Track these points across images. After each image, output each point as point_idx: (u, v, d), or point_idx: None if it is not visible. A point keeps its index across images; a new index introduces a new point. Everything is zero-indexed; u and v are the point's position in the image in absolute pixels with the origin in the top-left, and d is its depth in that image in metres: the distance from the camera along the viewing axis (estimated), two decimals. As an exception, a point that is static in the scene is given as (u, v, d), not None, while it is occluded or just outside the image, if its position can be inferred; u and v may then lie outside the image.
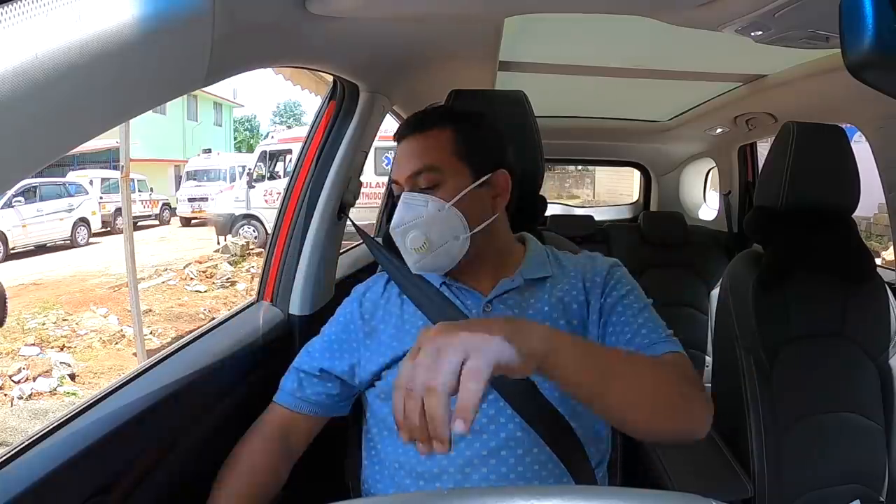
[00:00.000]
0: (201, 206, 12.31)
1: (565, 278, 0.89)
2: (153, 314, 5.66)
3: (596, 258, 0.92)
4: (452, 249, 0.83)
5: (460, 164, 0.84)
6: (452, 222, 0.82)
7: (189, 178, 13.54)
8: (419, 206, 0.82)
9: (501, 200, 0.87)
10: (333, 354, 0.91)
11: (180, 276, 7.22)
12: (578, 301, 0.86)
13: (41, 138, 0.41)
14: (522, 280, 0.87)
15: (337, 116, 1.23)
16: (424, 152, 0.84)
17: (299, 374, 0.92)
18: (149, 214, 14.07)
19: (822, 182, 1.25)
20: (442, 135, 0.85)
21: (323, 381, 0.91)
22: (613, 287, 0.86)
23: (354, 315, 0.92)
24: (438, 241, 0.82)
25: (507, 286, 0.87)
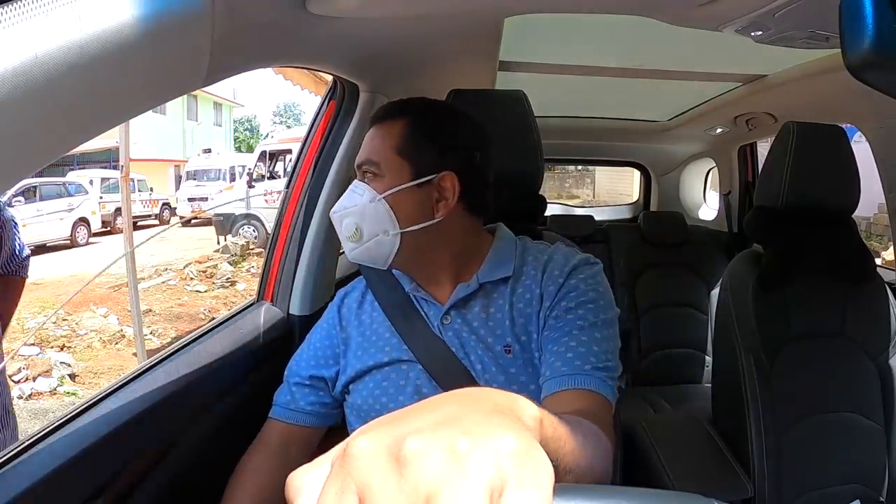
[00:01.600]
0: (201, 206, 12.31)
1: (526, 277, 0.84)
2: (153, 314, 5.66)
3: (564, 254, 0.85)
4: (384, 244, 0.81)
5: (400, 160, 0.81)
6: (382, 216, 0.80)
7: (189, 178, 13.54)
8: (357, 195, 0.81)
9: (446, 205, 0.81)
10: (319, 362, 0.91)
11: (180, 276, 7.22)
12: (533, 306, 0.82)
13: (41, 138, 0.41)
14: (478, 284, 0.83)
15: (337, 116, 1.23)
16: (370, 145, 0.84)
17: (291, 386, 0.92)
18: (149, 214, 14.07)
19: (822, 182, 1.25)
20: (392, 128, 0.82)
21: (314, 390, 0.91)
22: (565, 295, 0.80)
23: (334, 321, 0.92)
24: (368, 233, 0.81)
25: (462, 292, 0.83)
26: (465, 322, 0.83)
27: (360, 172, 0.83)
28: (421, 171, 0.80)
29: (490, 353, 0.81)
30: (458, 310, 0.84)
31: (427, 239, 0.81)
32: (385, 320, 0.87)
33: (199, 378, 0.90)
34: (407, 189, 0.80)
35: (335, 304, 0.94)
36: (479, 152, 0.85)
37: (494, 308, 0.83)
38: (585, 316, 0.77)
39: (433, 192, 0.81)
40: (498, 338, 0.81)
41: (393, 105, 0.87)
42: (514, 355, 0.80)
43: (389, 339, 0.86)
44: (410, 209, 0.80)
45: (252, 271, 7.39)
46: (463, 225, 0.84)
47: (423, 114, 0.84)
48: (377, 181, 0.81)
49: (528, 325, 0.81)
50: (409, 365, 0.84)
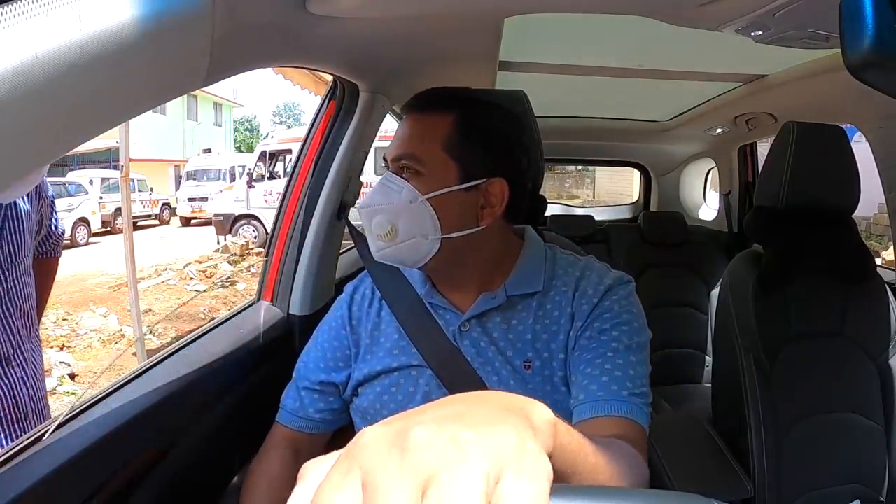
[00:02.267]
0: (201, 206, 12.32)
1: (556, 293, 0.79)
2: (153, 314, 5.66)
3: (598, 271, 0.80)
4: (420, 248, 0.74)
5: (448, 160, 0.74)
6: (423, 219, 0.73)
7: (189, 178, 13.54)
8: (393, 191, 0.74)
9: (491, 212, 0.76)
10: (329, 365, 0.87)
11: (180, 276, 7.22)
12: (561, 325, 0.77)
13: (41, 138, 0.41)
14: (505, 296, 0.78)
15: (337, 116, 1.23)
16: (413, 137, 0.76)
17: (300, 390, 0.88)
18: (149, 214, 14.07)
19: (822, 182, 1.25)
20: (439, 122, 0.75)
21: (324, 396, 0.87)
22: (599, 316, 0.76)
23: (344, 320, 0.87)
24: (405, 234, 0.74)
25: (487, 304, 0.78)
26: (485, 332, 0.79)
27: (396, 166, 0.76)
28: (470, 174, 0.74)
29: (509, 366, 0.77)
30: (478, 319, 0.79)
31: (465, 246, 0.76)
32: (394, 322, 0.83)
33: (199, 378, 0.90)
34: (453, 192, 0.74)
35: (344, 300, 0.89)
36: (526, 156, 0.79)
37: (517, 321, 0.78)
38: (620, 338, 0.74)
39: (479, 197, 0.75)
40: (518, 352, 0.77)
41: (439, 94, 0.79)
42: (533, 371, 0.76)
43: (398, 342, 0.82)
44: (454, 214, 0.74)
45: (252, 271, 7.39)
46: (499, 233, 0.80)
47: (474, 109, 0.77)
48: (419, 179, 0.74)
49: (551, 343, 0.77)
50: (419, 371, 0.80)
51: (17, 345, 1.16)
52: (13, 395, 1.14)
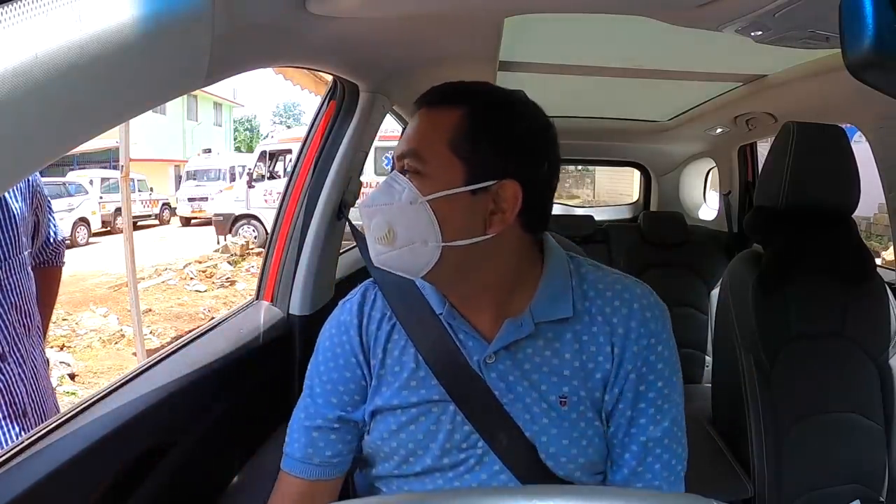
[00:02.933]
0: (201, 206, 12.33)
1: (591, 322, 0.71)
2: (153, 314, 5.66)
3: (633, 301, 0.72)
4: (419, 255, 0.67)
5: (454, 158, 0.67)
6: (422, 222, 0.66)
7: (189, 178, 13.55)
8: (395, 191, 0.67)
9: (502, 219, 0.68)
10: (343, 400, 0.76)
11: (180, 276, 7.22)
12: (601, 364, 0.71)
13: (41, 138, 0.41)
14: (533, 325, 0.70)
15: (337, 116, 1.23)
16: (419, 134, 0.69)
17: (310, 432, 0.76)
18: (149, 214, 14.08)
19: (822, 182, 1.25)
20: (447, 117, 0.68)
21: (341, 434, 0.76)
22: (646, 360, 0.70)
23: (354, 347, 0.76)
24: (404, 238, 0.67)
25: (513, 333, 0.70)
26: (516, 364, 0.71)
27: (400, 165, 0.69)
28: (477, 174, 0.67)
29: (543, 402, 0.70)
30: (507, 350, 0.71)
31: (473, 256, 0.68)
32: (410, 347, 0.73)
33: (198, 378, 0.90)
34: (458, 195, 0.66)
35: (352, 324, 0.77)
36: (547, 159, 0.72)
37: (552, 352, 0.71)
38: (663, 391, 0.71)
39: (489, 202, 0.67)
40: (554, 386, 0.70)
41: (450, 88, 0.72)
42: (569, 407, 0.70)
43: (416, 372, 0.73)
44: (458, 219, 0.67)
45: (252, 271, 7.39)
46: (515, 244, 0.71)
47: (487, 104, 0.70)
48: (421, 179, 0.67)
49: (588, 380, 0.71)
50: (441, 406, 0.72)
51: (13, 342, 1.16)
52: (10, 392, 1.14)
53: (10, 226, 1.15)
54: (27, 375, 1.18)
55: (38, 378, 1.22)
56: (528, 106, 0.73)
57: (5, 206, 1.14)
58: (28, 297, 1.21)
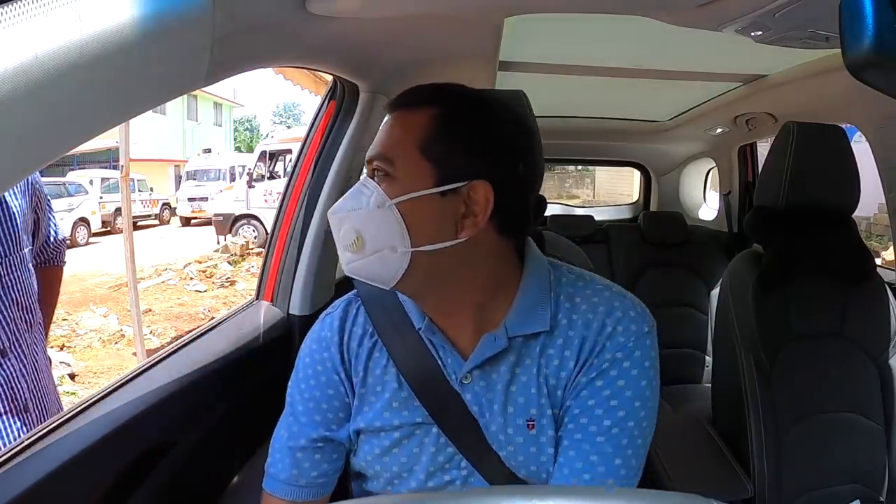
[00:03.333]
0: (201, 206, 12.33)
1: (560, 336, 0.67)
2: (153, 314, 5.66)
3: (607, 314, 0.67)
4: (389, 262, 0.64)
5: (422, 160, 0.64)
6: (390, 227, 0.63)
7: (189, 178, 13.55)
8: (364, 196, 0.65)
9: (473, 222, 0.64)
10: (326, 418, 0.74)
11: (180, 276, 7.22)
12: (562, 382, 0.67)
13: (41, 138, 0.41)
14: (507, 339, 0.67)
15: (337, 116, 1.23)
16: (389, 137, 0.67)
17: (293, 453, 0.74)
18: (149, 214, 14.08)
19: (822, 182, 1.25)
20: (417, 119, 0.66)
21: (326, 453, 0.74)
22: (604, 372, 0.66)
23: (336, 364, 0.73)
24: (372, 245, 0.64)
25: (489, 349, 0.67)
26: (489, 385, 0.68)
27: (370, 169, 0.67)
28: (447, 176, 0.64)
29: (512, 426, 0.68)
30: (481, 369, 0.68)
31: (445, 262, 0.65)
32: (392, 366, 0.71)
33: (199, 378, 0.90)
34: (426, 197, 0.63)
35: (333, 340, 0.74)
36: (522, 160, 0.68)
37: (521, 369, 0.68)
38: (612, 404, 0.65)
39: (459, 204, 0.64)
40: (520, 408, 0.68)
41: (420, 89, 0.69)
42: (537, 430, 0.67)
43: (398, 393, 0.70)
44: (427, 223, 0.64)
45: (252, 271, 7.40)
46: (492, 249, 0.68)
47: (458, 104, 0.67)
48: (390, 182, 0.64)
49: (556, 391, 0.67)
50: (424, 429, 0.70)
51: (15, 338, 1.16)
52: (10, 387, 1.14)
53: (10, 222, 1.16)
54: (29, 371, 1.18)
55: (40, 374, 1.23)
56: (503, 107, 0.70)
57: (4, 204, 1.15)
58: (29, 294, 1.22)
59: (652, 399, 0.68)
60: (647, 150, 2.75)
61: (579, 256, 1.08)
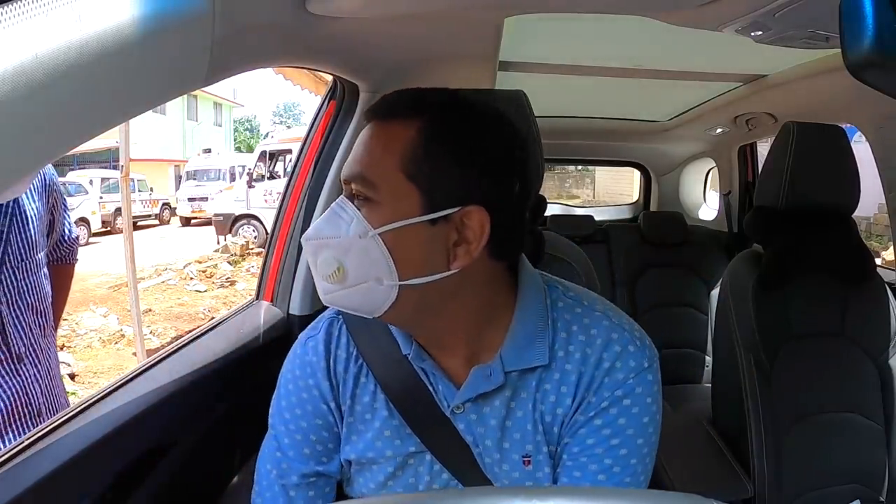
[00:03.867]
0: (201, 206, 12.34)
1: (559, 370, 0.63)
2: (153, 314, 5.66)
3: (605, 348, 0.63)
4: (374, 295, 0.58)
5: (407, 183, 0.57)
6: (375, 259, 0.57)
7: (189, 178, 13.56)
8: (343, 222, 0.58)
9: (467, 251, 0.58)
10: (316, 450, 0.69)
11: (180, 276, 7.22)
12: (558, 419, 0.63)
13: (41, 138, 0.41)
14: (503, 375, 0.62)
15: (337, 116, 1.23)
16: (367, 154, 0.59)
17: (287, 492, 0.69)
18: (149, 214, 14.08)
19: (822, 182, 1.25)
20: (398, 134, 0.58)
21: (318, 488, 0.70)
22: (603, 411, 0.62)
23: (324, 392, 0.68)
24: (354, 277, 0.58)
25: (482, 384, 0.63)
26: (481, 419, 0.65)
27: (348, 189, 0.60)
28: (436, 201, 0.57)
29: (506, 463, 0.65)
30: (473, 402, 0.64)
31: (435, 294, 0.59)
32: (381, 393, 0.66)
33: (199, 378, 0.90)
34: (414, 226, 0.57)
35: (319, 366, 0.68)
36: (519, 177, 0.61)
37: (517, 403, 0.64)
38: (627, 460, 0.62)
39: (451, 231, 0.58)
40: (516, 444, 0.64)
41: (403, 97, 0.61)
42: (534, 466, 0.64)
43: (389, 421, 0.66)
44: (416, 254, 0.58)
45: (252, 271, 7.40)
46: (485, 275, 0.62)
47: (445, 116, 0.60)
48: (371, 208, 0.58)
49: (553, 427, 0.64)
50: (417, 458, 0.67)
51: (30, 343, 1.17)
52: (26, 393, 1.14)
53: (28, 228, 1.16)
54: (42, 376, 1.19)
55: (52, 377, 1.23)
56: (494, 116, 0.62)
57: (21, 209, 1.15)
58: (43, 298, 1.22)
59: (654, 433, 0.65)
60: (647, 150, 2.75)
61: (579, 256, 1.08)
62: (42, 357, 1.19)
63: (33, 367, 1.17)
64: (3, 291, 1.11)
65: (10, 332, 1.12)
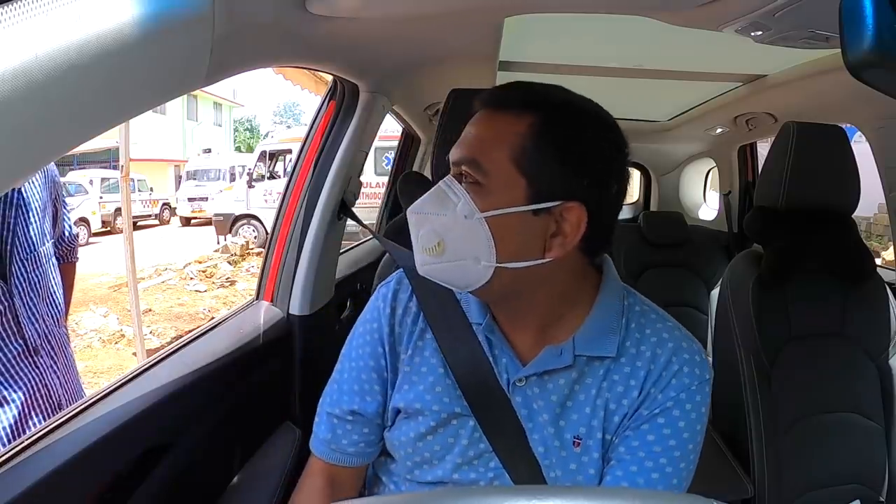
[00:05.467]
0: (201, 206, 12.34)
1: (626, 364, 0.67)
2: (153, 314, 5.66)
3: (675, 353, 0.67)
4: (469, 272, 0.63)
5: (516, 174, 0.61)
6: (477, 240, 0.61)
7: (189, 178, 13.56)
8: (450, 200, 0.62)
9: (562, 243, 0.63)
10: (363, 388, 0.74)
11: (180, 276, 7.22)
12: (622, 408, 0.66)
13: (41, 138, 0.41)
14: (573, 356, 0.66)
15: (337, 116, 1.23)
16: (480, 141, 0.63)
17: (332, 419, 0.76)
18: (149, 214, 14.08)
19: (822, 182, 1.25)
20: (512, 125, 0.62)
21: (357, 426, 0.75)
22: (667, 409, 0.65)
23: (383, 336, 0.73)
24: (453, 253, 0.63)
25: (552, 361, 0.66)
26: (543, 393, 0.67)
27: (456, 171, 0.64)
28: (541, 193, 0.61)
29: (557, 439, 0.67)
30: (539, 377, 0.67)
31: (526, 279, 0.63)
32: (440, 354, 0.70)
33: (198, 378, 0.90)
34: (518, 214, 0.61)
35: (382, 311, 0.74)
36: (617, 182, 0.65)
37: (581, 387, 0.67)
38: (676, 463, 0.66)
39: (550, 223, 0.62)
40: (572, 424, 0.67)
41: (519, 90, 0.66)
42: (582, 449, 0.67)
43: (442, 378, 0.70)
44: (516, 240, 0.62)
45: (252, 271, 7.40)
46: (573, 267, 0.67)
47: (559, 115, 0.64)
48: (479, 191, 0.62)
49: (613, 416, 0.67)
50: (461, 420, 0.69)
51: (45, 334, 1.17)
52: (45, 384, 1.15)
53: (34, 218, 1.16)
54: (59, 367, 1.19)
55: (69, 369, 1.24)
56: (602, 120, 0.66)
57: (25, 200, 1.15)
58: (55, 288, 1.22)
59: (701, 444, 0.69)
60: (647, 150, 2.75)
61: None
62: (58, 348, 1.20)
63: (49, 358, 1.17)
64: (15, 283, 1.11)
65: (24, 324, 1.12)
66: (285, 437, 1.13)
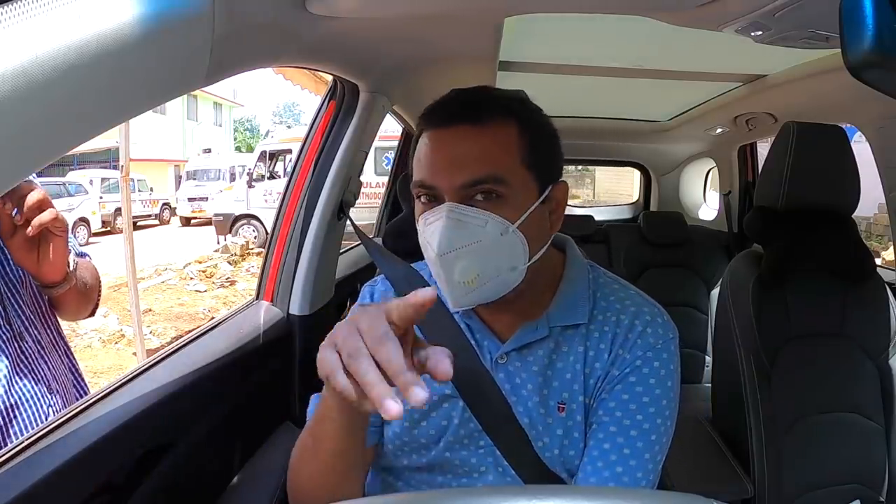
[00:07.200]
0: (201, 206, 12.34)
1: (596, 330, 0.71)
2: (153, 314, 5.66)
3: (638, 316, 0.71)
4: (507, 281, 0.65)
5: (527, 173, 0.65)
6: (515, 249, 0.64)
7: (189, 178, 13.56)
8: (476, 227, 0.62)
9: (557, 218, 0.69)
10: None
11: (180, 276, 7.22)
12: (595, 371, 0.70)
13: (41, 138, 0.41)
14: (548, 328, 0.70)
15: (337, 116, 1.23)
16: (487, 154, 0.63)
17: None
18: (149, 214, 14.09)
19: (822, 182, 1.25)
20: (506, 132, 0.65)
21: None
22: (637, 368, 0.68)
23: None
24: (492, 273, 0.63)
25: (528, 335, 0.70)
26: (524, 366, 0.71)
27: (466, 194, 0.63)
28: (543, 183, 0.67)
29: (542, 407, 0.70)
30: (518, 351, 0.71)
31: (535, 267, 0.67)
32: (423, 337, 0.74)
33: (199, 378, 0.90)
34: (536, 208, 0.66)
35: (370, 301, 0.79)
36: None
37: (558, 356, 0.71)
38: (642, 401, 0.68)
39: (550, 204, 0.69)
40: (554, 391, 0.70)
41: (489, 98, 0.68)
42: (567, 414, 0.70)
43: None
44: (537, 232, 0.66)
45: (252, 271, 7.40)
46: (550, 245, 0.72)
47: (524, 110, 0.69)
48: (501, 204, 0.63)
49: (590, 379, 0.70)
50: (451, 402, 0.72)
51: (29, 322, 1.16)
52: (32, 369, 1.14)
53: None
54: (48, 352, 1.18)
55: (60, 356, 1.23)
56: None
57: None
58: None
59: (675, 400, 0.71)
60: (647, 150, 2.75)
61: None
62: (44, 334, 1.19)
63: (36, 343, 1.16)
64: None
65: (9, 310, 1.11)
66: (285, 437, 1.13)
